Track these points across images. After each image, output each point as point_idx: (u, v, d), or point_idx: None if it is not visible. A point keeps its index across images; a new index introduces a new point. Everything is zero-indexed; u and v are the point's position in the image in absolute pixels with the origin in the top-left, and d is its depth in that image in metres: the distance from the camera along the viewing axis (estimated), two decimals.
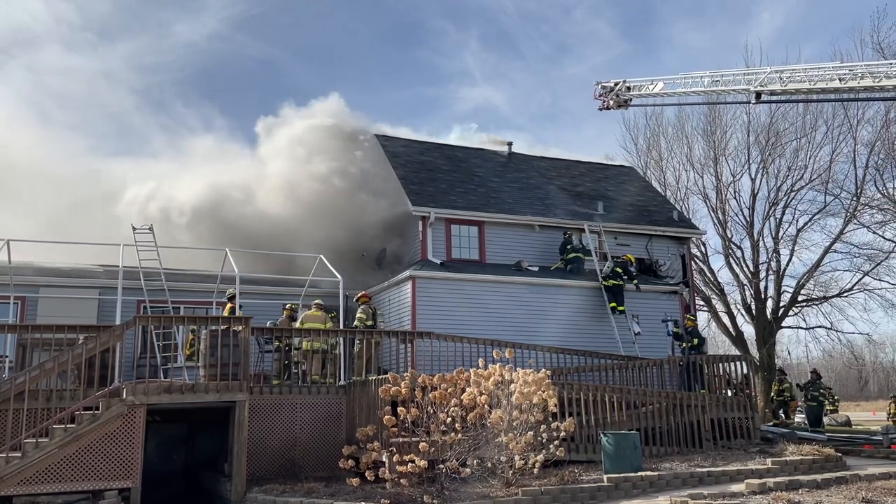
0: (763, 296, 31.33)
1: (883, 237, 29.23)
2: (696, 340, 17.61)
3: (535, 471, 10.27)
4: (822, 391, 21.14)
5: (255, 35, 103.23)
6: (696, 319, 19.08)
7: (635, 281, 19.16)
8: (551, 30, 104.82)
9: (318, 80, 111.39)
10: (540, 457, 10.18)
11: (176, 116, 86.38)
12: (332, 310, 16.27)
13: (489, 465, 10.37)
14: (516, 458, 10.11)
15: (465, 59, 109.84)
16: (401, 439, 10.34)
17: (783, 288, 31.38)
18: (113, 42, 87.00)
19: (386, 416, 10.28)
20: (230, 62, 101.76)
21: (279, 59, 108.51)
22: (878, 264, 29.52)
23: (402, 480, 9.91)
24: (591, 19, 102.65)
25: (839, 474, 11.53)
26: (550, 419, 10.79)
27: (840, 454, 13.12)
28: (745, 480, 10.93)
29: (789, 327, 33.17)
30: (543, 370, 11.17)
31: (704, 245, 32.67)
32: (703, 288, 32.27)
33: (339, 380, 14.75)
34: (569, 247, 19.30)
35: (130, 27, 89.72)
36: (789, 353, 36.88)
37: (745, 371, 16.71)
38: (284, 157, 23.12)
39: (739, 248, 32.17)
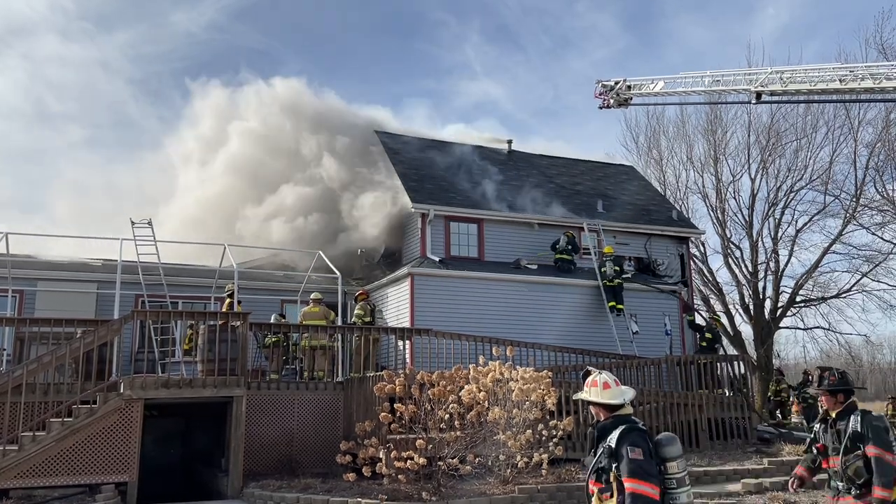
0: (761, 296, 31.35)
1: (882, 238, 29.25)
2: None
3: (540, 470, 10.26)
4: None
5: (253, 25, 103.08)
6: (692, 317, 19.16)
7: (625, 276, 19.26)
8: (553, 23, 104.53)
9: (316, 70, 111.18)
10: (545, 456, 10.18)
11: (174, 107, 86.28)
12: (330, 305, 16.26)
13: (489, 462, 10.38)
14: (518, 456, 10.11)
15: (465, 52, 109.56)
16: (398, 436, 10.34)
17: (781, 288, 31.42)
18: (110, 31, 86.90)
19: (383, 413, 10.27)
20: (228, 52, 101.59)
21: (277, 49, 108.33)
22: (877, 265, 29.54)
23: (399, 477, 9.93)
24: (593, 13, 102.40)
25: None
26: (548, 417, 10.80)
27: None
28: (742, 480, 10.94)
29: (787, 328, 33.21)
30: (545, 371, 11.16)
31: (703, 245, 32.70)
32: (702, 287, 32.30)
33: (337, 376, 14.75)
34: (557, 245, 19.30)
35: (127, 16, 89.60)
36: (778, 355, 36.72)
37: (742, 371, 16.73)
38: None
39: (738, 247, 32.20)
